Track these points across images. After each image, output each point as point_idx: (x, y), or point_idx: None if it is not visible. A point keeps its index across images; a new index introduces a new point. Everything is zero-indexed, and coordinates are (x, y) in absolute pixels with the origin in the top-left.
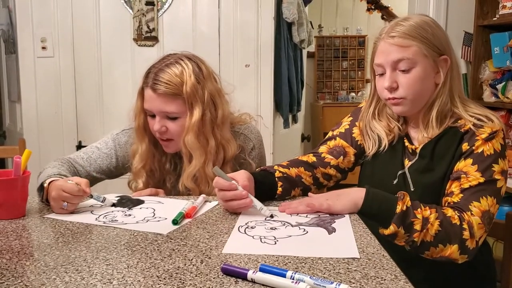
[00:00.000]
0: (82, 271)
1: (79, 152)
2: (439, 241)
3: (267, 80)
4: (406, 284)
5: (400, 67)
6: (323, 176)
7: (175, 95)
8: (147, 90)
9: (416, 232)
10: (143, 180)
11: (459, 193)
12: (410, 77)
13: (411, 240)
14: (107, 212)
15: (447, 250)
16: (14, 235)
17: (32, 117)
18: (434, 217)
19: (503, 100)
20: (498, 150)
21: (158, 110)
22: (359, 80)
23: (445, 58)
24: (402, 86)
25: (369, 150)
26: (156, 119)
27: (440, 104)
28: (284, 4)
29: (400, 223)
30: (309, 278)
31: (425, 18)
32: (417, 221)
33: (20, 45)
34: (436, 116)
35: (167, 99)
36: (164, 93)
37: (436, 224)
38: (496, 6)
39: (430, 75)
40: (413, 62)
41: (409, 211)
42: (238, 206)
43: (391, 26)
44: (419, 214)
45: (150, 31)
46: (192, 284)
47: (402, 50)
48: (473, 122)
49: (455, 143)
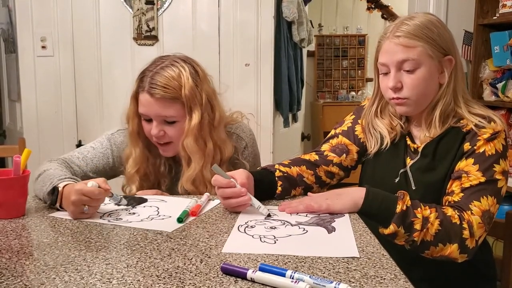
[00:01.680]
0: (82, 271)
1: (73, 152)
2: (439, 240)
3: (267, 79)
4: (405, 284)
5: (405, 67)
6: (326, 175)
7: (173, 99)
8: (143, 95)
9: (416, 232)
10: (137, 185)
11: (460, 192)
12: (414, 77)
13: (411, 240)
14: (111, 210)
15: (447, 249)
16: (14, 235)
17: (32, 116)
18: (434, 216)
19: (503, 99)
20: (499, 150)
21: (156, 114)
22: (359, 79)
23: (450, 59)
24: (407, 86)
25: (371, 148)
26: (153, 124)
27: (443, 104)
28: (284, 3)
29: (400, 223)
30: (309, 278)
31: (431, 17)
32: (417, 220)
33: (20, 44)
34: (439, 116)
35: (165, 104)
36: (162, 97)
37: (436, 224)
38: (496, 5)
39: (435, 75)
40: (418, 63)
41: (409, 211)
42: (237, 204)
43: (396, 25)
44: (419, 213)
45: (150, 30)
46: (191, 284)
47: (407, 51)
48: (475, 123)
49: (457, 142)
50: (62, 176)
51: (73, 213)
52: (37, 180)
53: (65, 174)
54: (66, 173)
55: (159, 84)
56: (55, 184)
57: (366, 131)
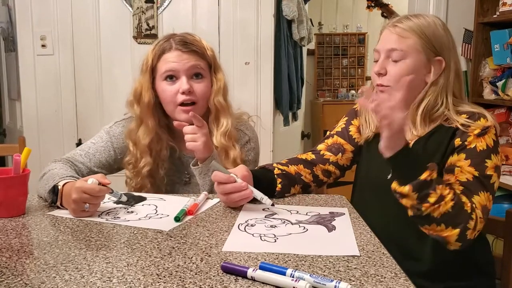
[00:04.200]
0: (82, 269)
1: (75, 151)
2: (445, 221)
3: (267, 77)
4: (406, 282)
5: (393, 57)
6: (323, 173)
7: (202, 55)
8: (171, 52)
9: (427, 204)
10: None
11: (459, 186)
12: (398, 67)
13: (418, 208)
14: (109, 209)
15: (447, 232)
16: (14, 233)
17: (32, 115)
18: (450, 197)
19: (503, 97)
20: (490, 145)
21: (189, 66)
22: (359, 77)
23: (440, 60)
24: (390, 74)
25: (366, 135)
26: (182, 80)
27: (427, 103)
28: (284, 2)
29: (417, 189)
30: (309, 276)
31: (435, 19)
32: (434, 194)
33: (20, 43)
34: (422, 116)
35: (196, 56)
36: (193, 51)
37: (450, 205)
38: (496, 3)
39: (420, 71)
40: (405, 54)
41: (431, 183)
42: (239, 198)
43: (399, 17)
44: (438, 189)
45: (149, 29)
46: (192, 282)
47: (398, 41)
48: (461, 122)
49: (447, 139)
50: (64, 175)
51: (74, 211)
52: (41, 180)
53: (67, 173)
54: (68, 172)
55: (188, 41)
56: (56, 182)
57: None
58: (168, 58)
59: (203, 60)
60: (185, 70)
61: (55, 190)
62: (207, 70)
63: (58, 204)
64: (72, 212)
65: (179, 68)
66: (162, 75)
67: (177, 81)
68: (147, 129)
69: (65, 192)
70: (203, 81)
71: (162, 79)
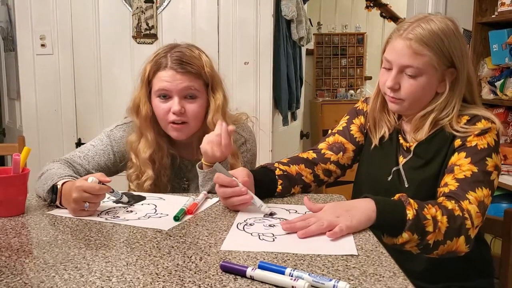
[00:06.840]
0: (81, 269)
1: (74, 152)
2: (449, 237)
3: (266, 77)
4: (404, 281)
5: (407, 72)
6: (324, 173)
7: (197, 74)
8: (166, 71)
9: (430, 234)
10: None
11: (455, 183)
12: (414, 83)
13: (424, 244)
14: (109, 208)
15: (455, 244)
16: (13, 233)
17: (32, 114)
18: (440, 214)
19: (502, 97)
20: (491, 144)
21: (181, 87)
22: (358, 77)
23: (452, 71)
24: (404, 89)
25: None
26: (174, 100)
27: (437, 111)
28: (283, 2)
29: (414, 230)
30: (308, 275)
31: (447, 24)
32: (428, 222)
33: (19, 42)
34: (431, 123)
35: (190, 77)
36: (187, 71)
37: (445, 221)
38: (494, 3)
39: (434, 85)
40: (421, 72)
41: (420, 214)
42: (238, 203)
43: (411, 25)
44: (428, 214)
45: (149, 29)
46: (191, 281)
47: (414, 58)
48: (458, 129)
49: (448, 140)
50: (63, 174)
51: (74, 211)
52: (39, 179)
53: (66, 172)
54: (67, 172)
55: (184, 60)
56: (55, 182)
57: (371, 124)
58: (162, 76)
59: (198, 80)
60: (178, 90)
61: (54, 189)
62: (202, 90)
63: (57, 203)
64: (72, 211)
65: (172, 89)
66: (156, 92)
67: (170, 99)
68: (147, 142)
69: (64, 191)
70: (196, 102)
71: (156, 96)
